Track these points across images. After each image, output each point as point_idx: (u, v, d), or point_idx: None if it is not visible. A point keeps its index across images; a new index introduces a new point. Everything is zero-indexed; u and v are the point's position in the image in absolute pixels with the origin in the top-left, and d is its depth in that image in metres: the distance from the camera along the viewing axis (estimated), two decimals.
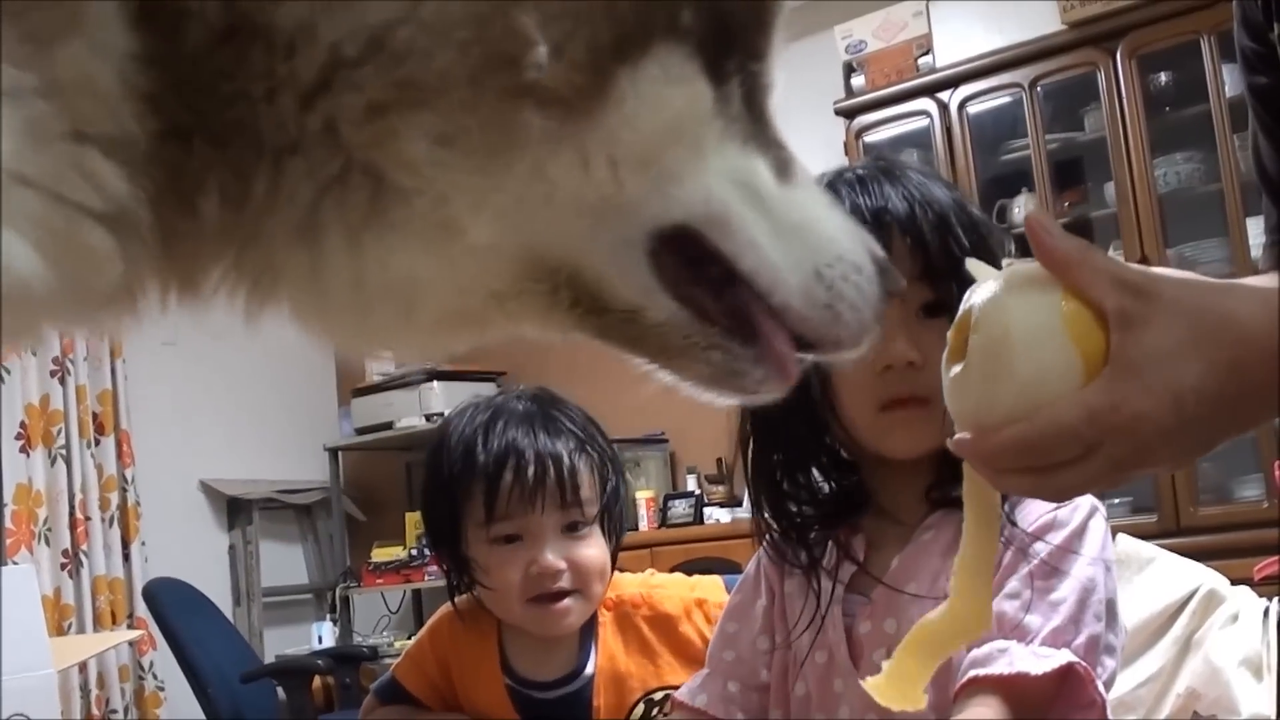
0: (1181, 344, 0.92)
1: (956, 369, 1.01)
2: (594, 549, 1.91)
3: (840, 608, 1.53)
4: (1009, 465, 0.95)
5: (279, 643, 6.80)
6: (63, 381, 6.37)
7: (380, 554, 6.52)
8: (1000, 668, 1.34)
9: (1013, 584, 1.40)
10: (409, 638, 6.32)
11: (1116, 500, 4.48)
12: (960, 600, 1.06)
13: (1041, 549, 1.42)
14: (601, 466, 1.93)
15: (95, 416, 6.50)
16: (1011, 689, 1.34)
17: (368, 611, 6.98)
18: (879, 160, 1.57)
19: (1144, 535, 3.48)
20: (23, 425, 6.23)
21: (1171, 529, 4.24)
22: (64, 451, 6.33)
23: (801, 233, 0.89)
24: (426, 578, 6.25)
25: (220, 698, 5.17)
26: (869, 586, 1.52)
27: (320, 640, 6.51)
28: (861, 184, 1.52)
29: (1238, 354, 0.93)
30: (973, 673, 1.35)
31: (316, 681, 5.58)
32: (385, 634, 6.74)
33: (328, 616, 6.84)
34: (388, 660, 5.93)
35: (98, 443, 6.48)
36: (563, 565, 1.87)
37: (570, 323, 0.97)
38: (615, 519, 1.95)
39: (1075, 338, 0.95)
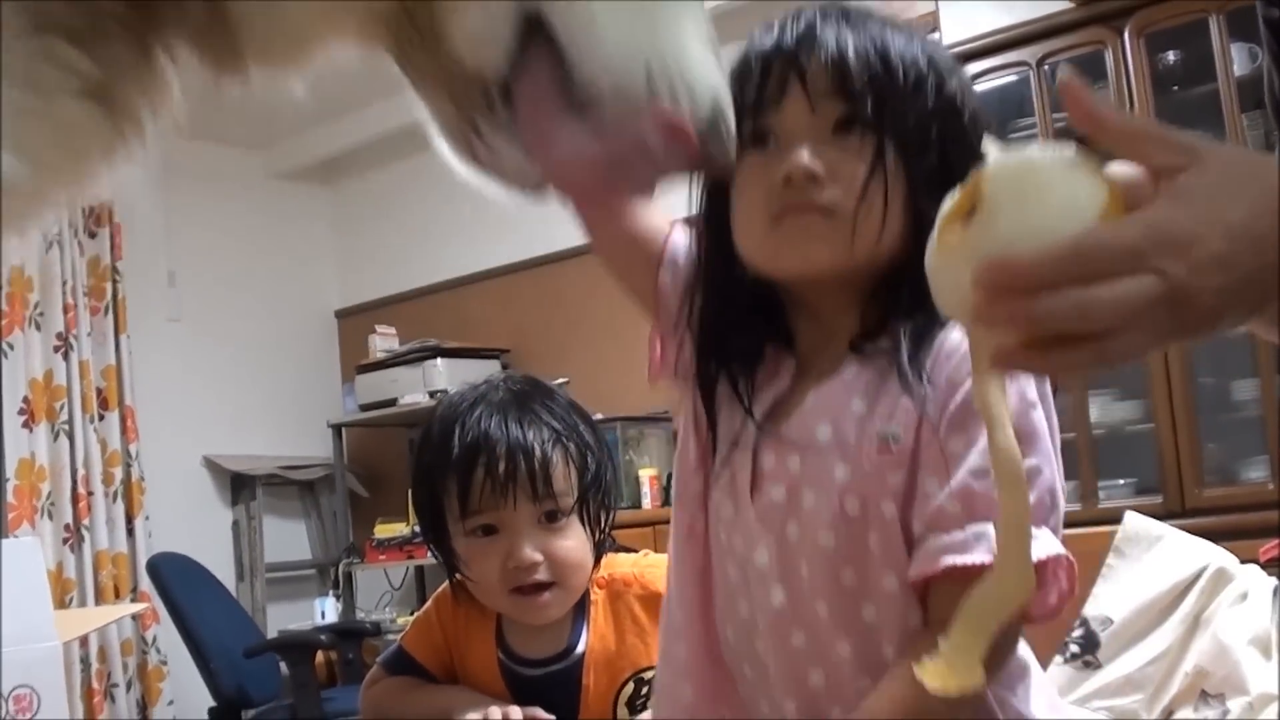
0: (1227, 182, 0.90)
1: (953, 235, 0.95)
2: (572, 540, 1.90)
3: (755, 436, 1.44)
4: (1055, 277, 0.86)
5: (282, 618, 6.81)
6: (66, 357, 6.37)
7: (383, 530, 6.53)
8: (980, 556, 1.26)
9: (977, 458, 1.29)
10: (411, 614, 6.32)
11: (1121, 481, 4.48)
12: (1004, 564, 1.04)
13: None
14: (580, 458, 1.91)
15: (99, 392, 6.51)
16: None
17: (370, 587, 6.99)
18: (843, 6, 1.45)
19: (1149, 516, 3.48)
20: (26, 400, 6.24)
21: (1176, 510, 4.23)
22: (67, 427, 6.34)
23: (653, 24, 0.87)
24: (429, 554, 6.25)
25: (223, 672, 5.18)
26: (784, 418, 1.42)
27: (323, 616, 6.53)
28: (799, 16, 1.43)
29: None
30: (949, 560, 1.27)
31: (320, 657, 5.59)
32: (388, 610, 6.75)
33: (330, 592, 6.85)
34: (390, 636, 5.94)
35: (101, 418, 6.49)
36: (539, 558, 1.86)
37: (393, 44, 1.06)
38: (597, 509, 1.93)
39: (1107, 184, 0.91)
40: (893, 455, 1.33)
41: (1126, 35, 4.52)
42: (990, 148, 0.98)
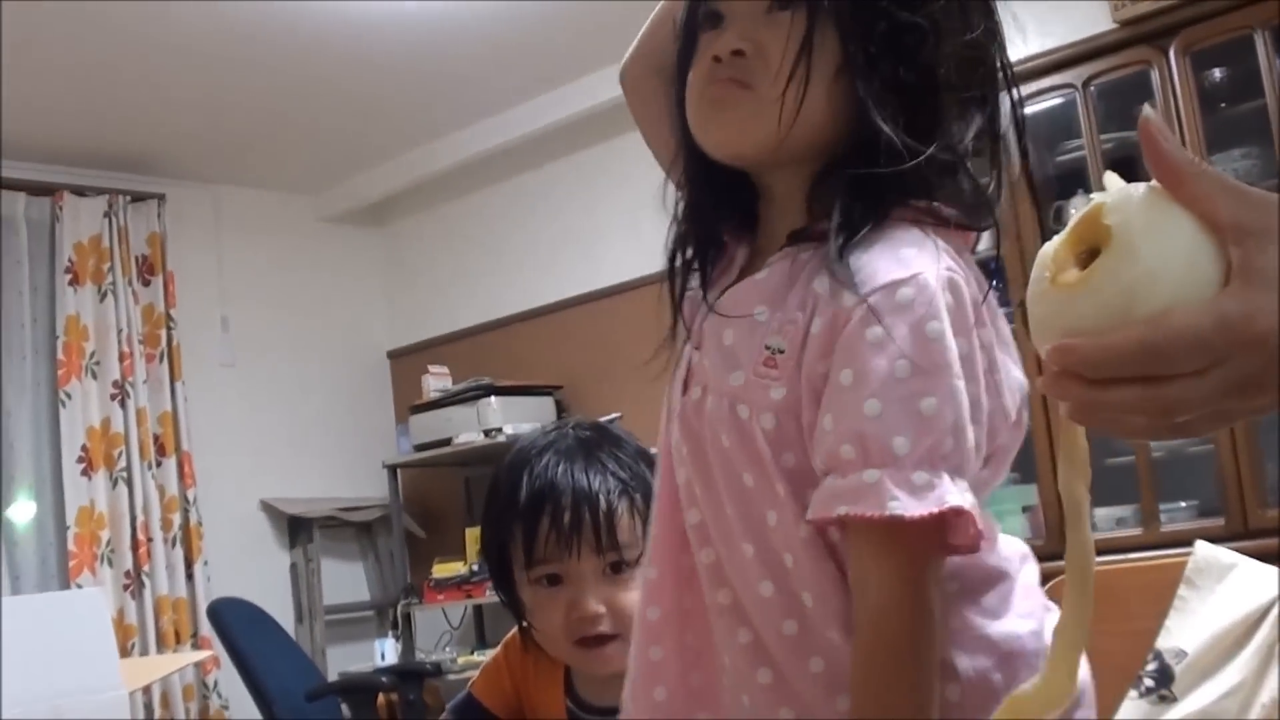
0: None
1: (1066, 274, 0.90)
2: (636, 592, 1.88)
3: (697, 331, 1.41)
4: (1121, 371, 0.85)
5: (342, 660, 6.83)
6: (123, 405, 6.43)
7: (441, 570, 6.53)
8: (871, 508, 1.17)
9: (872, 399, 1.20)
10: (471, 653, 6.36)
11: (1183, 504, 4.44)
12: (1053, 671, 1.01)
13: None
14: (646, 508, 1.85)
15: (156, 438, 6.55)
16: (886, 532, 1.18)
17: (429, 628, 7.00)
18: None
19: (1211, 539, 3.44)
20: (84, 449, 6.29)
21: (1239, 532, 4.18)
22: (125, 474, 6.38)
23: None
24: (487, 593, 6.26)
25: (285, 715, 5.20)
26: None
27: (383, 657, 6.53)
28: None
29: None
30: (842, 509, 1.19)
31: (381, 698, 5.60)
32: (447, 650, 6.75)
33: (390, 633, 6.85)
34: (451, 676, 5.96)
35: (159, 464, 6.54)
36: (602, 610, 1.84)
37: None
38: None
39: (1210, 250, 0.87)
40: (776, 370, 1.28)
41: (1171, 54, 4.50)
42: (1108, 179, 0.94)
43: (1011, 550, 1.38)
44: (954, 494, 1.17)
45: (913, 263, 1.24)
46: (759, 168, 1.40)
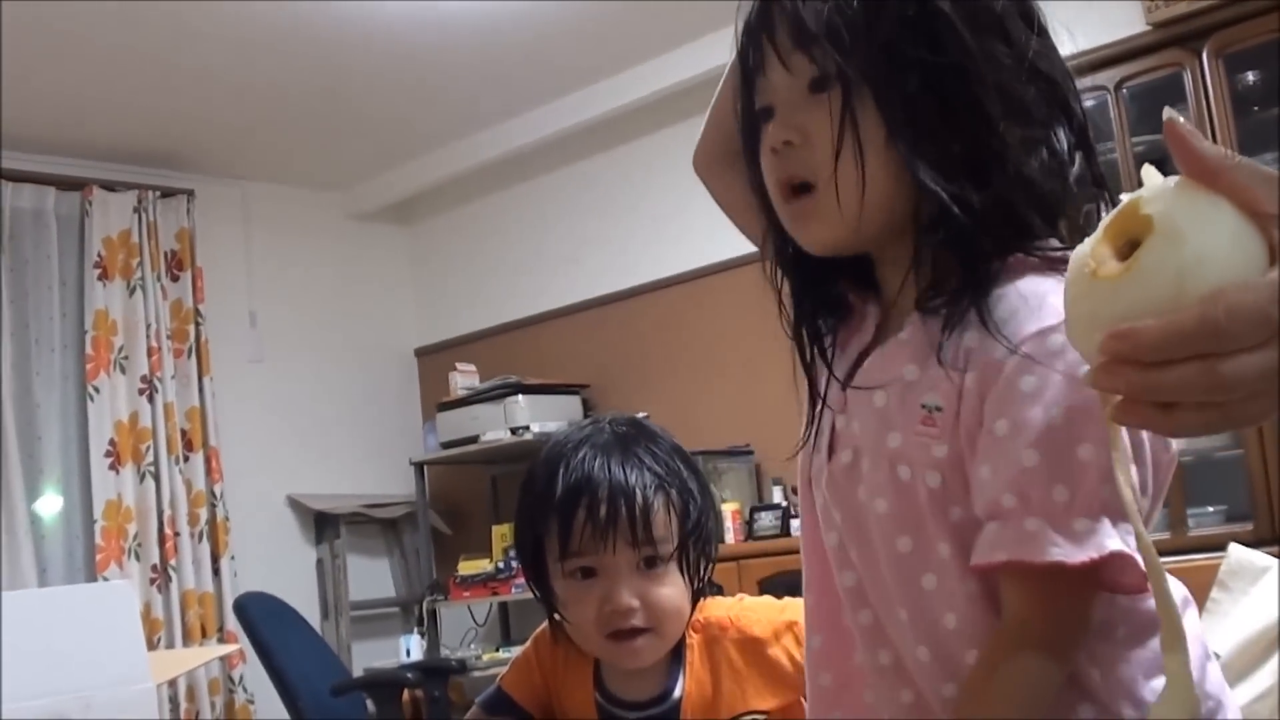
0: None
1: (1108, 266, 0.90)
2: (669, 588, 1.87)
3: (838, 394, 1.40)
4: (1181, 351, 0.84)
5: (367, 656, 6.85)
6: (151, 399, 6.46)
7: (466, 567, 6.54)
8: (1035, 554, 1.18)
9: (1029, 449, 1.21)
10: (496, 650, 6.37)
11: (1211, 509, 4.42)
12: (1169, 683, 1.01)
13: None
14: (682, 504, 1.88)
15: (184, 433, 6.58)
16: (1048, 578, 1.19)
17: (455, 624, 7.01)
18: None
19: (1239, 544, 3.42)
20: (112, 443, 6.32)
21: (1267, 537, 4.16)
22: (153, 468, 6.41)
23: None
24: (513, 590, 6.27)
25: (310, 710, 5.20)
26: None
27: (408, 653, 6.54)
28: None
29: None
30: (1004, 556, 1.20)
31: (405, 694, 5.61)
32: (472, 647, 6.76)
33: (415, 629, 6.86)
34: (476, 673, 5.97)
35: (186, 459, 6.56)
36: (635, 604, 1.85)
37: None
38: (697, 557, 1.91)
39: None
40: (935, 428, 1.28)
41: (1204, 57, 4.48)
42: (1147, 172, 0.94)
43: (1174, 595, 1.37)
44: (1114, 539, 1.18)
45: (1053, 307, 1.21)
46: (858, 250, 1.38)
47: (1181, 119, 0.88)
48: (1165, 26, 4.56)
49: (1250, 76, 4.57)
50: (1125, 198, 0.92)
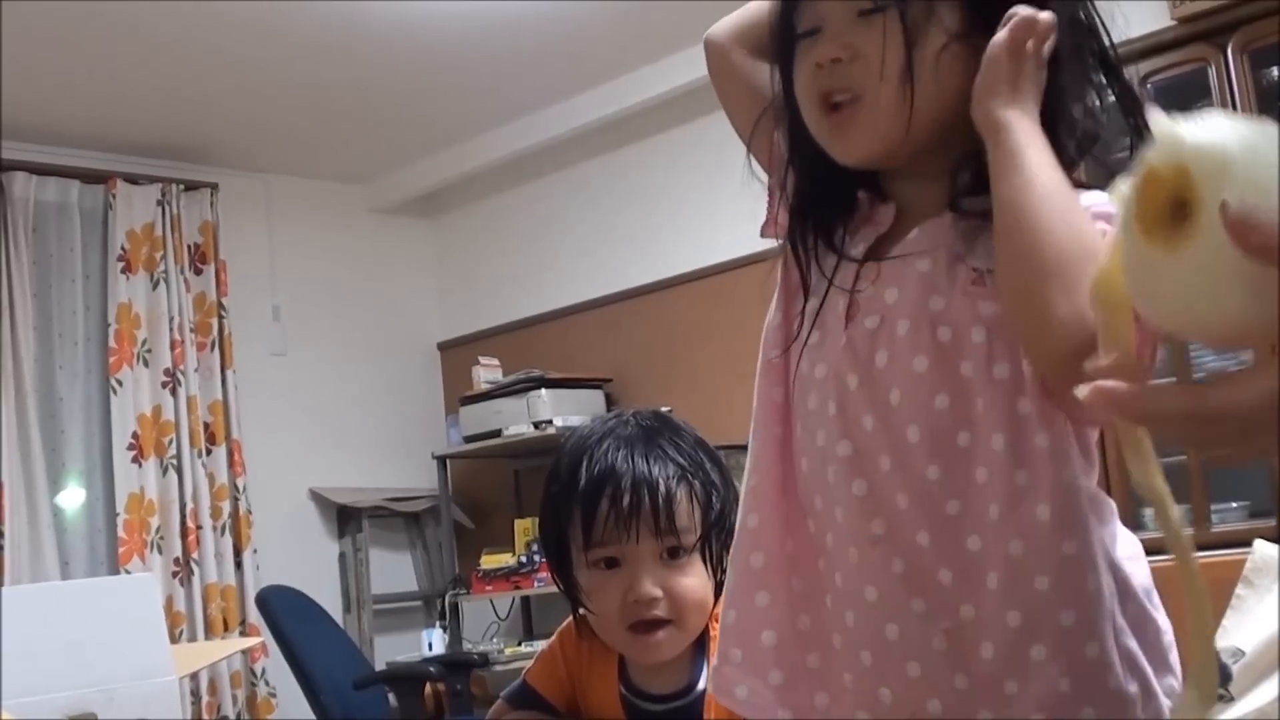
0: None
1: (1155, 235, 0.90)
2: (693, 579, 1.88)
3: (855, 269, 1.43)
4: (1226, 426, 0.89)
5: (389, 649, 6.86)
6: (174, 393, 6.48)
7: (489, 561, 6.54)
8: None
9: None
10: (518, 644, 6.38)
11: (1234, 504, 4.41)
12: (1195, 671, 1.00)
13: None
14: (705, 495, 1.90)
15: (206, 426, 6.60)
16: None
17: (477, 619, 7.02)
18: None
19: (1263, 539, 3.41)
20: (135, 436, 6.34)
21: None
22: (175, 461, 6.43)
23: None
24: (535, 584, 6.27)
25: (332, 704, 5.22)
26: (884, 255, 1.43)
27: (430, 647, 6.55)
28: None
29: None
30: None
31: (428, 688, 5.62)
32: (494, 641, 6.77)
33: (437, 623, 6.88)
34: (498, 667, 5.97)
35: (209, 452, 6.58)
36: (658, 593, 1.86)
37: None
38: (720, 549, 1.90)
39: None
40: (986, 287, 1.33)
41: (1229, 52, 4.46)
42: (1177, 124, 0.92)
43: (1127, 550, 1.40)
44: None
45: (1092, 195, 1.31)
46: (886, 164, 1.44)
47: (1238, 208, 0.86)
48: (1190, 21, 4.55)
49: (1275, 72, 4.55)
50: (1184, 145, 0.90)
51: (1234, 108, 4.41)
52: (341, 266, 7.42)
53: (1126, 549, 1.39)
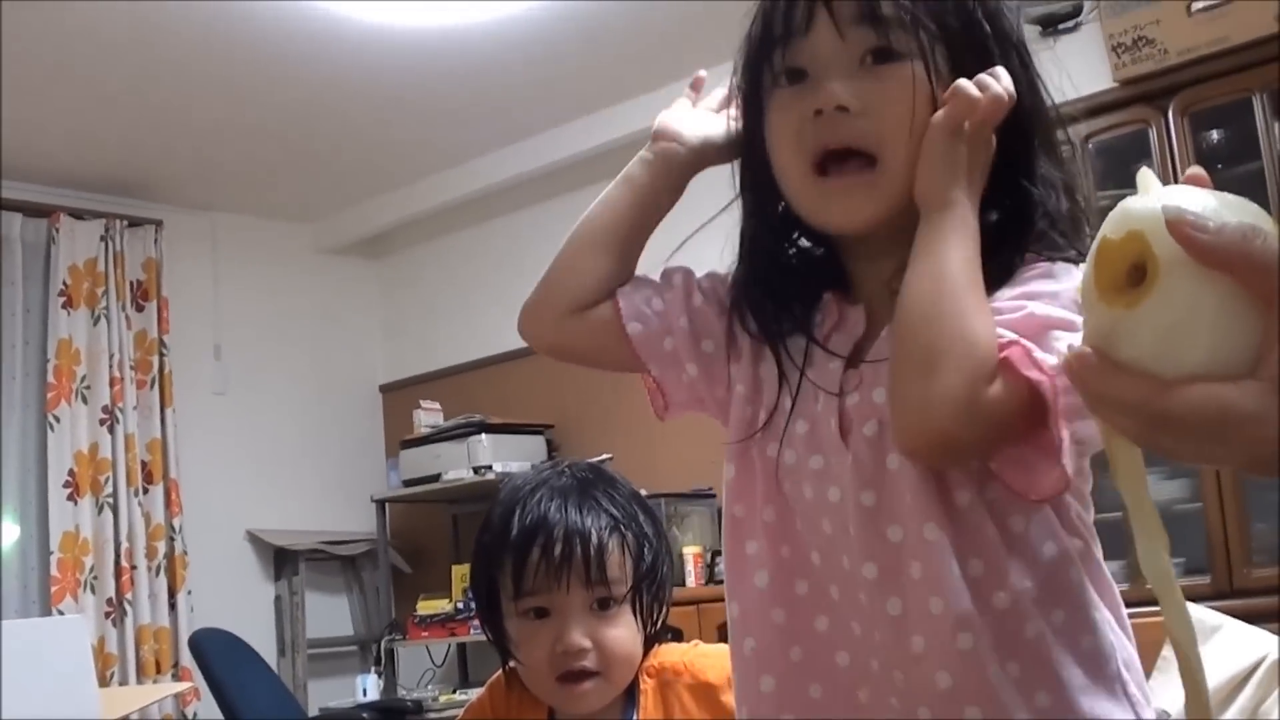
0: None
1: (1113, 296, 0.91)
2: (622, 630, 1.89)
3: (840, 378, 1.38)
4: (1178, 429, 0.89)
5: (323, 695, 6.79)
6: (112, 430, 6.42)
7: (425, 607, 6.51)
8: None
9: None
10: (453, 692, 6.33)
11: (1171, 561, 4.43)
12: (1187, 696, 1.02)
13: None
14: (637, 547, 1.90)
15: (144, 465, 6.54)
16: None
17: (412, 665, 6.97)
18: None
19: (1197, 597, 3.44)
20: (71, 473, 6.27)
21: (1225, 590, 4.18)
22: (111, 500, 6.37)
23: None
24: (472, 631, 6.23)
25: None
26: (862, 359, 1.37)
27: (365, 693, 6.50)
28: None
29: None
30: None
31: None
32: (430, 688, 6.72)
33: (372, 669, 6.82)
34: (432, 715, 5.93)
35: (146, 491, 6.52)
36: (587, 644, 1.86)
37: None
38: (651, 601, 1.92)
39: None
40: None
41: (1170, 114, 4.52)
42: (1144, 179, 0.94)
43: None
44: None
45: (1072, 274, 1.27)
46: (874, 230, 1.37)
47: (1183, 212, 0.88)
48: (1133, 84, 4.60)
49: (1215, 135, 4.61)
50: (1133, 205, 0.92)
51: (1174, 169, 4.46)
52: (286, 306, 7.39)
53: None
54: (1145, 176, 0.94)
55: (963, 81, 1.28)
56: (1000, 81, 1.29)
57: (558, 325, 1.62)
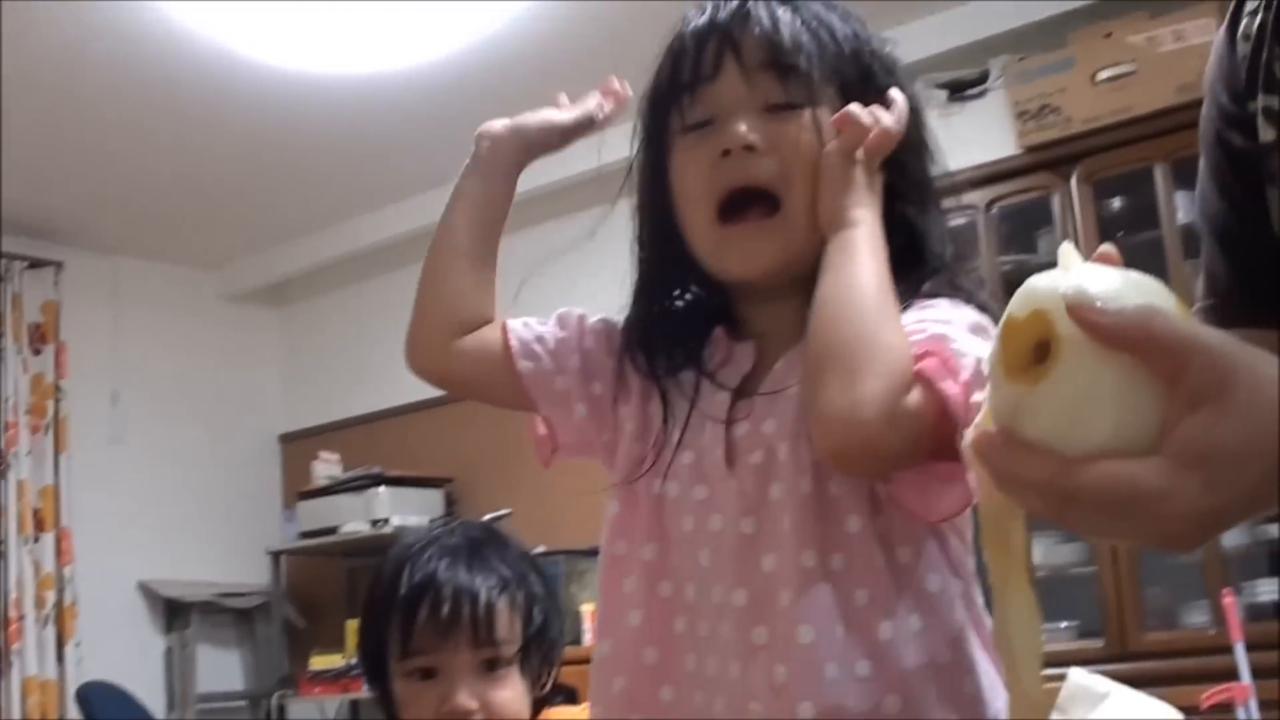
0: (1251, 442, 0.85)
1: (1018, 373, 0.91)
2: (509, 691, 1.87)
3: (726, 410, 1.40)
4: (1085, 507, 0.88)
5: None
6: (4, 476, 6.29)
7: (319, 662, 6.41)
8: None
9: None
10: None
11: (1064, 624, 4.46)
12: (1015, 686, 1.01)
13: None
14: (526, 608, 1.89)
15: (36, 512, 6.41)
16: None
17: None
18: None
19: (1091, 660, 3.45)
20: None
21: (1118, 654, 4.21)
22: (1, 547, 6.23)
23: None
24: (365, 689, 6.14)
25: None
26: (752, 392, 1.40)
27: None
28: None
29: None
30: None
31: None
32: None
33: None
34: None
35: (37, 539, 6.39)
36: (474, 705, 1.83)
37: None
38: (540, 662, 1.91)
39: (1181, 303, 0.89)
40: None
41: (1073, 182, 4.58)
42: (1064, 255, 0.95)
43: None
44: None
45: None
46: (771, 278, 1.42)
47: (1082, 296, 0.88)
48: (1037, 150, 4.66)
49: (1116, 202, 4.68)
50: (1040, 284, 0.93)
51: (1076, 235, 4.51)
52: (186, 353, 7.29)
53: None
54: (1066, 254, 0.94)
55: (855, 107, 1.33)
56: (892, 112, 1.34)
57: (444, 351, 1.63)
